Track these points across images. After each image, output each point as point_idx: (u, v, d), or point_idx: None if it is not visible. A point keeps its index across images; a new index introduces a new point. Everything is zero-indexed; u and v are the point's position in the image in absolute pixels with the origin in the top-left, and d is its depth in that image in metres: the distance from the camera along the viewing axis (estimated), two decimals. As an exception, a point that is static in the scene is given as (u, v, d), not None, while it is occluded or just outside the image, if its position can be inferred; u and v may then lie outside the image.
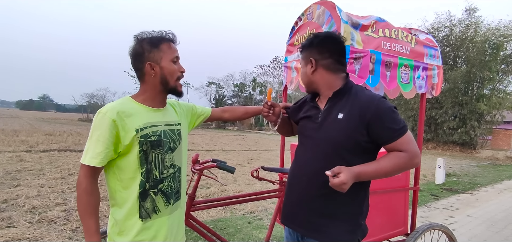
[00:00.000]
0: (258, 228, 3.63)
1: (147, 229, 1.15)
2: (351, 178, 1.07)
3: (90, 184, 1.09)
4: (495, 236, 3.86)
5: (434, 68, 2.10)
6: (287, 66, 2.38)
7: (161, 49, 1.19)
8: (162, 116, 1.23)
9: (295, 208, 1.29)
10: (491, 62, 16.86)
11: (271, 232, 2.01)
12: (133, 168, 1.13)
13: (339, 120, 1.19)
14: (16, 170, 6.04)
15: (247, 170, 7.53)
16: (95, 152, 1.08)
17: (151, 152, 1.15)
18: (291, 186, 1.33)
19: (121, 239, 1.14)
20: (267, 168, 2.05)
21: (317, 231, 1.22)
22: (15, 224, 3.32)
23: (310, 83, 1.31)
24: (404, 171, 1.16)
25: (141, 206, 1.14)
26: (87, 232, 1.07)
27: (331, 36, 1.30)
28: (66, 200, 4.29)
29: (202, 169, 1.69)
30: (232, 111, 1.67)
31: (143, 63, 1.18)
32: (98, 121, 1.09)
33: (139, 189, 1.13)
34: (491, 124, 19.19)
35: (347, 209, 1.21)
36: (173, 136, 1.23)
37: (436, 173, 7.47)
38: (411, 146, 1.15)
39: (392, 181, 2.09)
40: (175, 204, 1.25)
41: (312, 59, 1.27)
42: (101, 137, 1.08)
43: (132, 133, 1.11)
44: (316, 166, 1.21)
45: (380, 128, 1.15)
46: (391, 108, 1.17)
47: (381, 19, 1.92)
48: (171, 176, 1.22)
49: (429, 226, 1.95)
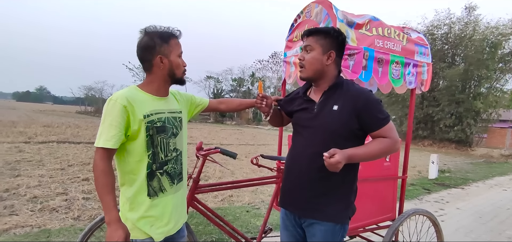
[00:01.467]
0: (256, 216, 3.78)
1: (155, 206, 1.29)
2: (344, 159, 1.21)
3: (106, 165, 1.19)
4: (481, 227, 4.04)
5: (424, 65, 2.24)
6: (286, 61, 2.50)
7: (170, 44, 1.31)
8: (165, 104, 1.35)
9: (293, 191, 1.41)
10: (489, 60, 16.99)
11: (268, 215, 2.15)
12: (141, 151, 1.25)
13: (335, 111, 1.32)
14: (15, 160, 6.10)
15: (245, 164, 7.67)
16: (109, 135, 1.18)
17: (157, 137, 1.27)
18: (289, 171, 1.45)
19: (132, 215, 1.27)
20: (266, 156, 2.19)
21: (315, 211, 1.35)
22: (18, 212, 3.40)
23: (319, 71, 1.37)
24: (387, 155, 1.32)
25: (149, 185, 1.27)
26: (106, 208, 1.19)
27: (345, 38, 1.44)
28: (67, 190, 4.36)
29: (206, 154, 1.83)
30: (228, 102, 1.83)
31: (153, 56, 1.28)
32: (110, 107, 1.20)
33: (147, 169, 1.26)
34: (487, 122, 19.43)
35: (340, 189, 1.35)
36: (175, 123, 1.36)
37: (429, 169, 7.66)
38: (393, 133, 1.32)
39: (382, 170, 2.23)
40: (178, 184, 1.39)
41: (333, 51, 1.36)
42: (113, 122, 1.18)
43: (140, 118, 1.23)
44: (313, 151, 1.33)
45: (368, 117, 1.30)
46: (377, 101, 1.33)
47: (375, 18, 2.05)
48: (174, 159, 1.35)
49: (414, 211, 2.10)
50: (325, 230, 1.33)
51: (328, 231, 1.33)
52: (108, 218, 1.18)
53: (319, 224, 1.34)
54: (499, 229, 3.99)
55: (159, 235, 1.29)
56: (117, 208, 1.23)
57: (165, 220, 1.31)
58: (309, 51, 1.38)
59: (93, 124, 18.86)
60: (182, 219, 1.44)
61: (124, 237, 1.19)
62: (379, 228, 2.33)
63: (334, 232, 1.34)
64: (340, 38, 1.38)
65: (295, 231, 1.45)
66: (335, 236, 1.35)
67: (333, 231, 1.34)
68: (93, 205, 3.85)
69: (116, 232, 1.18)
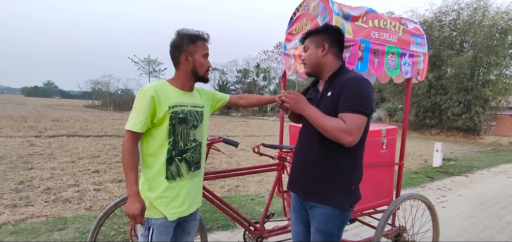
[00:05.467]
0: (260, 204, 3.92)
1: (172, 188, 1.44)
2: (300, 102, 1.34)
3: (132, 146, 1.35)
4: (481, 212, 4.10)
5: (420, 55, 2.29)
6: (286, 53, 2.58)
7: (196, 45, 1.46)
8: (189, 99, 1.51)
9: (298, 176, 1.52)
10: (499, 46, 16.58)
11: (270, 201, 2.27)
12: (162, 137, 1.41)
13: (328, 97, 1.38)
14: (28, 154, 6.32)
15: (250, 155, 7.80)
16: (137, 120, 1.34)
17: (178, 126, 1.43)
18: (296, 157, 1.57)
19: (151, 194, 1.43)
20: (267, 145, 2.29)
21: (317, 195, 1.43)
22: (33, 203, 3.56)
23: (317, 65, 1.46)
24: (334, 137, 1.26)
25: (168, 169, 1.43)
26: (129, 183, 1.35)
27: (338, 29, 1.50)
28: (78, 181, 4.51)
29: (210, 143, 1.95)
30: (247, 98, 1.96)
31: (180, 53, 1.45)
32: (141, 96, 1.36)
33: (167, 155, 1.42)
34: (495, 110, 19.08)
35: (341, 175, 1.40)
36: (197, 116, 1.52)
37: (434, 157, 7.67)
38: (353, 124, 1.26)
39: (379, 157, 2.32)
40: (195, 172, 1.53)
41: (325, 44, 1.44)
42: (142, 109, 1.34)
43: (165, 109, 1.39)
44: (312, 140, 1.43)
45: (341, 98, 1.31)
46: (358, 89, 1.31)
47: (371, 10, 2.10)
48: (193, 148, 1.50)
49: (409, 196, 2.19)
50: (325, 213, 1.41)
51: (328, 215, 1.40)
52: (129, 191, 1.34)
53: (319, 207, 1.42)
54: (499, 214, 4.05)
55: (172, 215, 1.44)
56: (138, 184, 1.37)
57: (179, 201, 1.46)
58: (306, 50, 1.51)
59: (100, 118, 19.21)
60: (196, 204, 1.58)
61: (140, 209, 1.34)
62: (377, 213, 2.43)
63: (334, 216, 1.40)
64: (330, 30, 1.46)
65: (301, 213, 1.57)
66: (335, 220, 1.41)
67: (332, 215, 1.40)
68: (104, 196, 4.02)
69: (133, 204, 1.33)
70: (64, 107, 37.00)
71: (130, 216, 1.34)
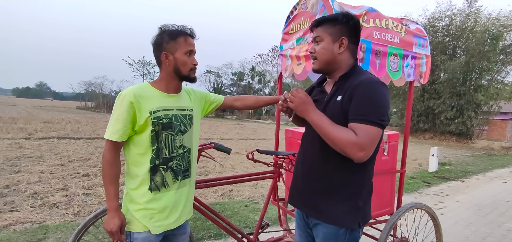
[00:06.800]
0: (254, 211, 3.77)
1: (156, 200, 1.30)
2: (307, 104, 1.18)
3: (112, 156, 1.25)
4: (481, 219, 4.04)
5: (422, 57, 2.19)
6: (282, 54, 2.46)
7: (177, 42, 1.31)
8: (175, 102, 1.36)
9: (299, 189, 1.33)
10: (490, 52, 16.90)
11: (265, 210, 2.13)
12: (145, 145, 1.27)
13: (338, 102, 1.18)
14: (16, 156, 6.12)
15: (244, 159, 7.67)
16: (115, 128, 1.23)
17: (162, 133, 1.29)
18: (297, 168, 1.38)
19: (133, 206, 1.29)
20: (262, 151, 2.16)
21: (317, 211, 1.25)
22: (18, 208, 3.41)
23: (331, 62, 1.24)
24: (342, 151, 1.09)
25: (152, 179, 1.29)
26: (108, 197, 1.26)
27: (359, 22, 1.25)
28: (67, 186, 4.36)
29: (201, 149, 1.80)
30: (244, 99, 1.76)
31: (160, 52, 1.31)
32: (119, 102, 1.24)
33: (150, 164, 1.28)
34: (487, 115, 19.40)
35: (344, 189, 1.21)
36: (184, 120, 1.36)
37: (430, 161, 7.64)
38: (366, 138, 1.07)
39: (380, 164, 2.21)
40: (184, 181, 1.38)
41: (344, 38, 1.21)
42: (120, 116, 1.23)
43: (146, 115, 1.25)
44: (316, 148, 1.24)
45: (352, 104, 1.13)
46: (373, 97, 1.11)
47: (372, 9, 1.99)
48: (180, 156, 1.35)
49: (412, 205, 2.07)
50: (327, 232, 1.23)
51: (331, 234, 1.22)
52: (108, 206, 1.26)
53: (322, 226, 1.24)
54: (499, 221, 3.99)
55: (157, 228, 1.30)
56: (118, 198, 1.27)
57: (165, 214, 1.32)
58: (318, 42, 1.25)
59: (93, 120, 18.86)
60: (185, 215, 1.43)
61: (119, 225, 1.24)
62: (378, 223, 2.32)
63: (338, 236, 1.21)
64: (351, 23, 1.22)
65: (305, 231, 1.39)
66: (339, 241, 1.21)
67: (336, 235, 1.21)
68: (93, 200, 3.86)
69: (112, 220, 1.24)
70: (56, 108, 36.38)
71: (109, 232, 1.23)
